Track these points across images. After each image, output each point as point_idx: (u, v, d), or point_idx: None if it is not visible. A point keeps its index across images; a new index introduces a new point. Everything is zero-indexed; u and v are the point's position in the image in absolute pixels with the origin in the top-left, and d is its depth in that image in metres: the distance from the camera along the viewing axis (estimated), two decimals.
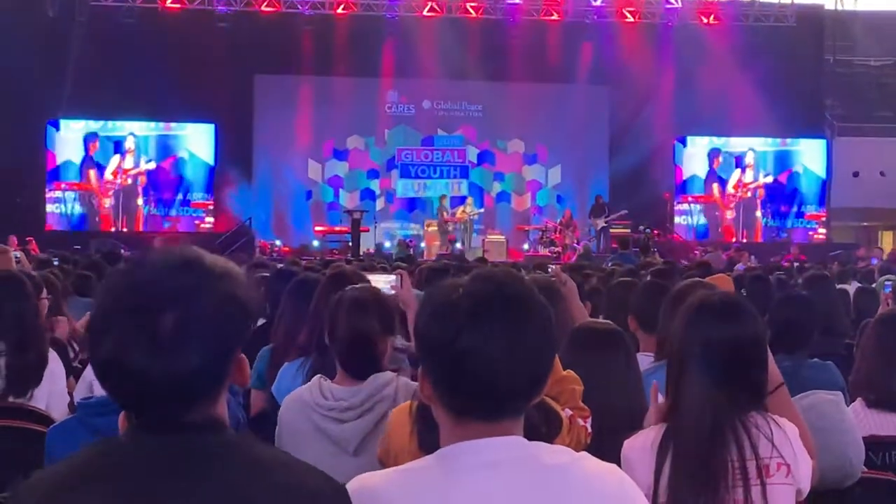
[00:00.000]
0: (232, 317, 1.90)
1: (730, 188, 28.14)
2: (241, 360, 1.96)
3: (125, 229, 25.83)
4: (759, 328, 3.20)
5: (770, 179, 28.19)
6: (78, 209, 25.94)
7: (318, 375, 3.94)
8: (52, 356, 5.26)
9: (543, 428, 2.88)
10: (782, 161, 28.30)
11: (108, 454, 1.88)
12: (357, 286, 4.14)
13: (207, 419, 1.89)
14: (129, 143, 26.19)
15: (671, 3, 26.72)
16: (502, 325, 2.07)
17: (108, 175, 26.05)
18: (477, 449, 2.08)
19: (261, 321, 5.79)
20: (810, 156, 28.27)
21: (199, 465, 1.85)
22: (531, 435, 2.16)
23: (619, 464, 2.63)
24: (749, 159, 28.17)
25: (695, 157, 28.14)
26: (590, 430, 3.38)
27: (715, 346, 3.07)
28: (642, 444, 3.10)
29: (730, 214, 28.25)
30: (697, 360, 3.07)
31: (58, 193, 25.84)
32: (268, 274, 8.49)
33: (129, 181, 26.23)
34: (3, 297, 5.13)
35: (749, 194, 28.19)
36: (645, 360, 4.93)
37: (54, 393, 5.16)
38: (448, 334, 2.07)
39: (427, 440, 3.02)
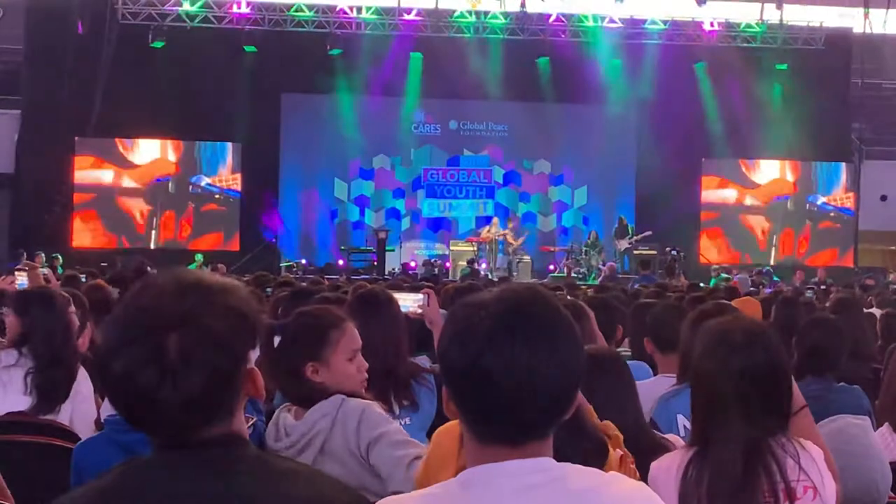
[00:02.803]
0: (238, 331, 1.91)
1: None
2: (252, 372, 1.97)
3: (151, 247, 25.94)
4: (779, 356, 3.18)
5: (794, 200, 28.15)
6: (105, 226, 26.09)
7: (281, 407, 3.88)
8: (82, 374, 5.27)
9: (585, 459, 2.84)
10: (808, 183, 28.25)
11: (133, 473, 1.91)
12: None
13: (226, 435, 1.92)
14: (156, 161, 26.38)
15: (699, 26, 26.67)
16: (524, 346, 2.00)
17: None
18: (503, 472, 2.02)
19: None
20: (835, 178, 28.22)
21: (221, 480, 1.87)
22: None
23: None
24: (777, 181, 28.17)
25: (721, 178, 28.13)
26: (638, 474, 3.35)
27: (734, 374, 3.07)
28: (668, 466, 3.10)
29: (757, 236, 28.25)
30: (718, 387, 3.07)
31: (84, 209, 25.99)
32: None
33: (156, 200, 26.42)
34: (34, 312, 5.16)
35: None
36: (666, 381, 4.93)
37: (80, 412, 5.16)
38: (469, 356, 2.01)
39: None
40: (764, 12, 27.31)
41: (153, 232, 26.42)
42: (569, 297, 6.60)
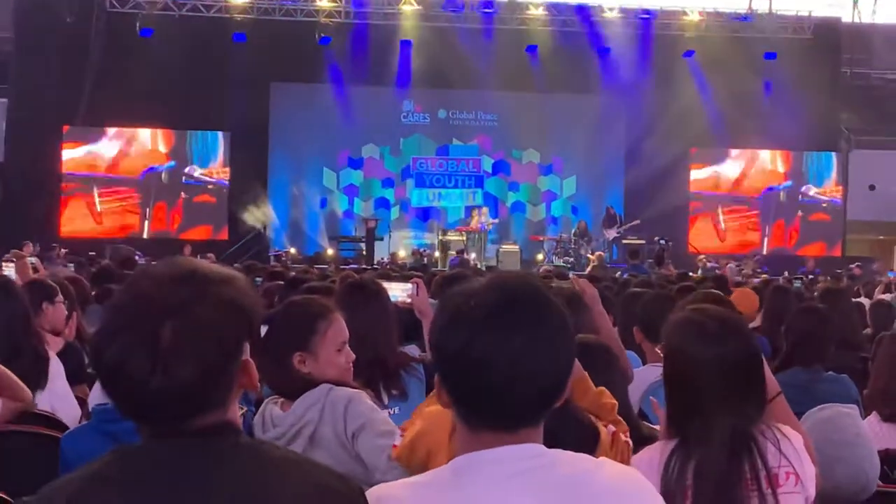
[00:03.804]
0: (233, 322, 1.92)
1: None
2: (248, 363, 1.96)
3: (145, 236, 25.89)
4: (752, 344, 3.18)
5: (785, 191, 28.20)
6: (93, 215, 26.04)
7: (268, 399, 3.84)
8: (55, 362, 5.21)
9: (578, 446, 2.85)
10: (799, 173, 28.32)
11: (124, 461, 1.90)
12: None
13: (218, 424, 1.91)
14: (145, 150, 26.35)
15: (688, 14, 26.67)
16: (515, 333, 2.03)
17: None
18: (494, 459, 2.05)
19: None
20: (826, 168, 28.31)
21: (214, 469, 1.87)
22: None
23: None
24: (766, 171, 28.23)
25: (710, 168, 28.19)
26: (631, 444, 3.36)
27: (710, 364, 3.06)
28: (649, 459, 3.09)
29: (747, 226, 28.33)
30: (694, 378, 3.07)
31: (73, 198, 25.95)
32: (283, 283, 8.47)
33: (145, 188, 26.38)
34: None
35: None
36: (655, 370, 4.94)
37: (58, 400, 5.12)
38: (461, 343, 2.04)
39: None
40: (753, 1, 27.34)
41: (146, 222, 26.35)
42: (565, 286, 6.58)
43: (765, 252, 27.36)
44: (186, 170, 26.54)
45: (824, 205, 28.28)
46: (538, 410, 2.10)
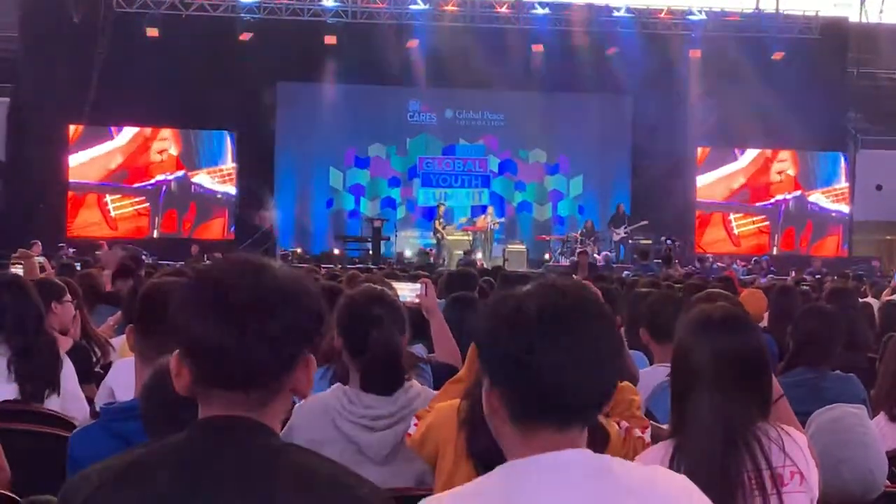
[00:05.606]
0: (299, 329, 2.00)
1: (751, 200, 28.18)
2: (308, 360, 2.04)
3: (146, 235, 25.92)
4: (759, 339, 3.20)
5: (791, 191, 28.16)
6: (99, 215, 26.06)
7: (338, 384, 3.88)
8: (66, 362, 5.20)
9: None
10: (807, 176, 28.27)
11: (158, 454, 1.93)
12: (363, 291, 4.06)
13: (257, 423, 1.95)
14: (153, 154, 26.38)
15: (695, 14, 26.65)
16: (576, 335, 2.06)
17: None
18: (548, 464, 2.04)
19: None
20: (832, 168, 28.25)
21: (246, 470, 1.89)
22: None
23: None
24: (771, 171, 28.18)
25: (718, 168, 28.15)
26: (648, 440, 3.35)
27: (717, 357, 3.06)
28: (653, 459, 3.07)
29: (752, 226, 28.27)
30: (701, 372, 3.06)
31: (85, 204, 25.98)
32: None
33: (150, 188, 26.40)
34: (3, 300, 5.01)
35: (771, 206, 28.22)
36: (662, 371, 4.93)
37: (63, 391, 5.10)
38: (522, 346, 2.04)
39: (477, 445, 3.03)
40: (760, 1, 27.30)
41: (155, 231, 26.37)
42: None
43: (775, 253, 27.33)
44: (196, 179, 26.53)
45: (833, 214, 28.25)
46: (594, 411, 2.16)
